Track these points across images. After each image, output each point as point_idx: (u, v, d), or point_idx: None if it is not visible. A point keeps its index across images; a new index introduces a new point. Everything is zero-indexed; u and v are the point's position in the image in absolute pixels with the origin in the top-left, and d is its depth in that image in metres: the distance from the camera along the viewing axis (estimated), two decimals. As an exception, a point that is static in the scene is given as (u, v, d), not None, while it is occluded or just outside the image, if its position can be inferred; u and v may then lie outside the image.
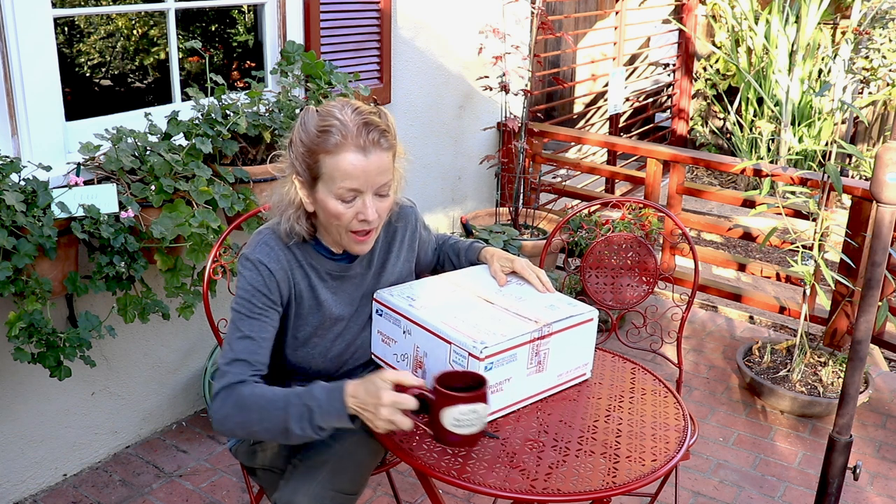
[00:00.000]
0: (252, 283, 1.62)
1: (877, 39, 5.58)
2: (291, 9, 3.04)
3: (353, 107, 1.57)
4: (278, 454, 1.77)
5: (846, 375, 2.11)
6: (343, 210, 1.57)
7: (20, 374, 2.47)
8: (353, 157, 1.52)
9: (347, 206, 1.56)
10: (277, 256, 1.64)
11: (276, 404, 1.50)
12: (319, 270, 1.69)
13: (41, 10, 2.31)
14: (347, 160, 1.52)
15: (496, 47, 3.80)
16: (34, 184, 2.13)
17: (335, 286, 1.72)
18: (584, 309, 1.72)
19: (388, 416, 1.41)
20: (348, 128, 1.52)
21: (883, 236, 2.01)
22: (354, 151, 1.52)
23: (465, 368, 1.54)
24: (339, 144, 1.52)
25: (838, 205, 5.62)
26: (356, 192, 1.56)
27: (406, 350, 1.70)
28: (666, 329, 3.48)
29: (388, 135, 1.58)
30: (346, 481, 1.66)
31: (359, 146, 1.52)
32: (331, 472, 1.65)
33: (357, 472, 1.70)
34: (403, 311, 1.68)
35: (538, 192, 4.19)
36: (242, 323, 1.60)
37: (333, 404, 1.46)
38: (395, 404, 1.41)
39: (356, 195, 1.56)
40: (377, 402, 1.41)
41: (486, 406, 1.47)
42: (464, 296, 1.76)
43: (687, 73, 6.34)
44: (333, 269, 1.71)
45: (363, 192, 1.56)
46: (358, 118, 1.54)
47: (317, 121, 1.55)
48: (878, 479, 2.81)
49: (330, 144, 1.52)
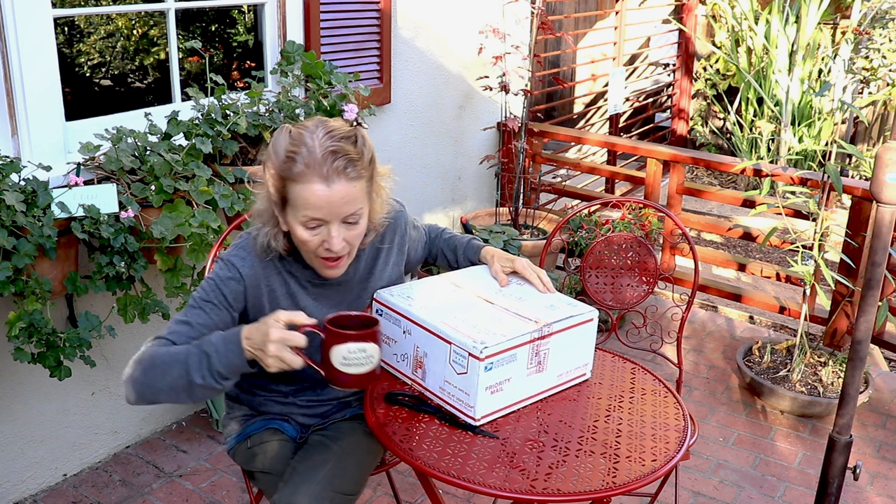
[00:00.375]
0: (216, 277, 1.61)
1: (877, 39, 5.58)
2: (291, 9, 3.04)
3: (327, 129, 1.52)
4: (277, 457, 1.76)
5: (846, 375, 2.11)
6: (309, 237, 1.54)
7: (20, 374, 2.47)
8: (315, 188, 1.48)
9: (313, 233, 1.54)
10: (252, 263, 1.63)
11: (176, 357, 1.47)
12: (299, 278, 1.68)
13: (41, 10, 2.31)
14: (309, 190, 1.48)
15: (496, 47, 3.80)
16: (34, 184, 2.13)
17: (317, 293, 1.70)
18: (584, 309, 1.72)
19: (276, 352, 1.39)
20: (314, 156, 1.48)
21: (883, 236, 2.01)
22: (317, 181, 1.48)
23: (465, 369, 1.54)
24: (303, 174, 1.48)
25: (838, 205, 5.62)
26: (320, 222, 1.52)
27: (406, 350, 1.70)
28: (666, 329, 3.48)
29: (358, 164, 1.51)
30: (345, 481, 1.65)
31: (322, 176, 1.47)
32: (330, 472, 1.64)
33: (356, 472, 1.70)
34: (403, 311, 1.68)
35: (538, 192, 4.19)
36: (189, 310, 1.59)
37: (230, 347, 1.44)
38: (283, 340, 1.40)
39: (320, 224, 1.53)
40: (266, 339, 1.40)
41: (376, 347, 1.45)
42: (464, 296, 1.76)
43: (687, 73, 6.34)
44: (314, 278, 1.68)
45: (328, 221, 1.52)
46: (327, 143, 1.49)
47: (286, 145, 1.51)
48: (878, 479, 2.81)
49: (294, 172, 1.49)
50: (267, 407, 1.84)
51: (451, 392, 1.60)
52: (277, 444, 1.78)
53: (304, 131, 1.52)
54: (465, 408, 1.58)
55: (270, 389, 1.81)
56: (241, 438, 1.84)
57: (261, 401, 1.84)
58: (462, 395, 1.57)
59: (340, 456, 1.69)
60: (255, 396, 1.84)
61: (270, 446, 1.78)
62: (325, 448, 1.71)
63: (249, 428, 1.84)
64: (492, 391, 1.56)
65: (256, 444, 1.80)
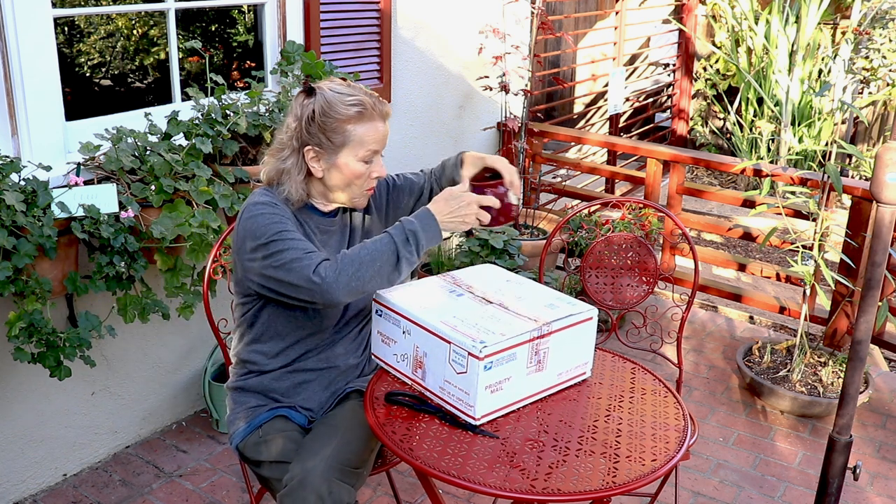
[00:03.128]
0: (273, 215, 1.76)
1: (877, 39, 5.58)
2: (291, 9, 3.04)
3: (355, 86, 1.83)
4: (288, 445, 1.80)
5: (846, 375, 2.11)
6: (364, 170, 1.81)
7: (20, 374, 2.47)
8: (378, 125, 1.80)
9: (367, 166, 1.81)
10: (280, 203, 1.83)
11: (379, 244, 1.69)
12: (310, 224, 1.87)
13: (41, 10, 2.31)
14: (374, 127, 1.79)
15: (496, 47, 3.80)
16: (34, 184, 2.13)
17: (324, 239, 1.88)
18: (583, 308, 1.72)
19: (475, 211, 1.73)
20: (370, 101, 1.79)
21: (883, 236, 2.01)
22: (378, 120, 1.80)
23: (465, 369, 1.55)
24: (369, 115, 1.78)
25: (838, 205, 5.62)
26: (375, 153, 1.81)
27: (406, 350, 1.70)
28: (666, 329, 3.48)
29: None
30: (352, 455, 1.73)
31: (381, 115, 1.81)
32: (337, 447, 1.72)
33: (362, 448, 1.77)
34: (403, 310, 1.69)
35: (538, 192, 4.19)
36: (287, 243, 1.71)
37: (429, 223, 1.71)
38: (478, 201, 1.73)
39: (374, 155, 1.82)
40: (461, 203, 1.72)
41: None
42: (463, 295, 1.76)
43: (687, 73, 6.34)
44: (321, 224, 1.88)
45: (379, 152, 1.83)
46: (368, 94, 1.81)
47: (341, 98, 1.77)
48: (878, 479, 2.81)
49: (364, 115, 1.77)
50: (277, 386, 1.89)
51: (451, 391, 1.60)
52: (288, 433, 1.83)
53: (340, 87, 1.80)
54: (466, 407, 1.58)
55: (286, 355, 1.89)
56: (251, 430, 1.87)
57: (275, 376, 1.89)
58: (462, 395, 1.58)
59: (345, 432, 1.77)
60: (266, 374, 1.90)
61: (281, 434, 1.82)
62: (330, 428, 1.79)
63: (259, 418, 1.87)
64: (492, 390, 1.56)
65: (267, 433, 1.84)
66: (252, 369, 1.92)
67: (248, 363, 1.92)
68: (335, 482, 1.66)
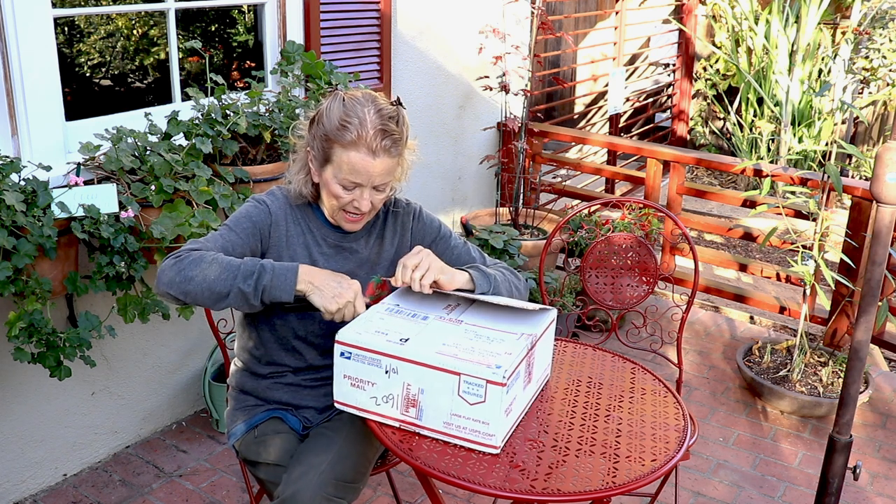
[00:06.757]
0: (249, 210, 1.77)
1: (877, 39, 5.58)
2: (291, 9, 3.04)
3: (377, 107, 1.69)
4: (283, 448, 1.78)
5: (846, 376, 2.11)
6: (342, 194, 1.72)
7: (20, 374, 2.47)
8: (362, 157, 1.66)
9: (347, 192, 1.72)
10: (281, 205, 1.80)
11: (230, 262, 1.62)
12: (316, 235, 1.82)
13: (41, 10, 2.31)
14: (357, 157, 1.67)
15: (496, 47, 3.80)
16: (34, 184, 2.13)
17: (330, 253, 1.83)
18: (551, 309, 1.71)
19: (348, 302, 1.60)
20: (366, 129, 1.65)
21: (883, 236, 2.01)
22: (365, 153, 1.66)
23: (483, 398, 1.47)
24: (353, 142, 1.66)
25: (838, 205, 5.62)
26: (357, 185, 1.70)
27: (391, 390, 1.55)
28: (666, 329, 3.48)
29: (400, 143, 1.71)
30: (348, 470, 1.68)
31: (370, 149, 1.66)
32: (333, 461, 1.67)
33: (359, 461, 1.72)
34: (384, 349, 1.53)
35: (538, 193, 4.19)
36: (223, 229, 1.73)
37: (287, 272, 1.61)
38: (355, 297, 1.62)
39: (356, 186, 1.71)
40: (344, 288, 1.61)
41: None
42: (429, 321, 1.65)
43: (687, 73, 6.34)
44: (329, 237, 1.83)
45: (363, 186, 1.70)
46: (377, 121, 1.66)
47: (340, 113, 1.67)
48: (878, 479, 2.81)
49: (345, 139, 1.66)
50: (273, 392, 1.87)
51: (463, 425, 1.51)
52: (283, 435, 1.82)
53: (356, 103, 1.68)
54: (484, 437, 1.50)
55: (279, 364, 1.87)
56: (248, 429, 1.86)
57: (268, 384, 1.87)
58: (478, 426, 1.49)
59: (342, 445, 1.72)
60: (263, 379, 1.88)
61: (277, 437, 1.81)
62: (327, 438, 1.75)
63: (256, 418, 1.87)
64: (507, 412, 1.51)
65: (264, 433, 1.83)
66: (250, 371, 1.91)
67: (247, 364, 1.92)
68: (328, 499, 1.62)
